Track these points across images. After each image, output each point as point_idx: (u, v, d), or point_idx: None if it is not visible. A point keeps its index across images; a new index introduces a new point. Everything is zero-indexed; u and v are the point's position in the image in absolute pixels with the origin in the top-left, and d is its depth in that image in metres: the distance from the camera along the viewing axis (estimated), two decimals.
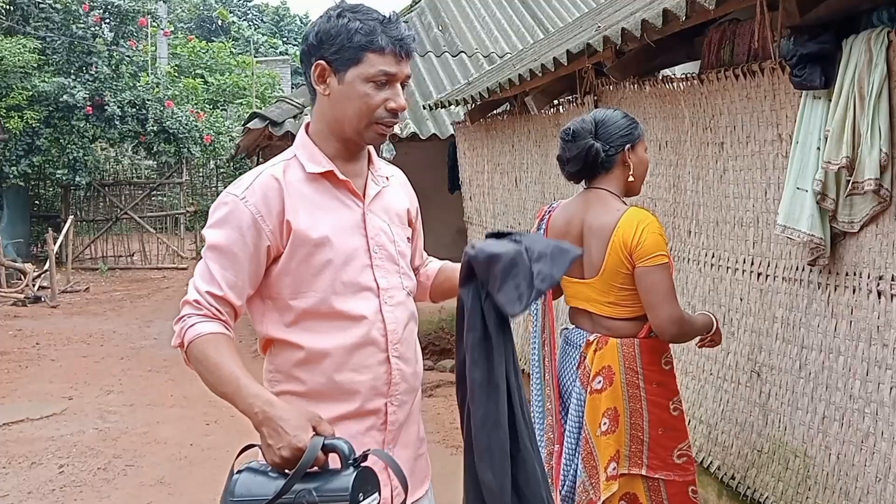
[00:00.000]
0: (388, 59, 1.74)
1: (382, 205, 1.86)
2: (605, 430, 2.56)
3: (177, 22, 27.56)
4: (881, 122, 2.34)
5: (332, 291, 1.75)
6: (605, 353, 2.59)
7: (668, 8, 2.87)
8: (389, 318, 1.80)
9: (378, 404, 1.79)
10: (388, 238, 1.84)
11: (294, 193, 1.75)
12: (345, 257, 1.76)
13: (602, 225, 2.57)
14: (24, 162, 13.83)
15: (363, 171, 1.85)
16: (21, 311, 10.77)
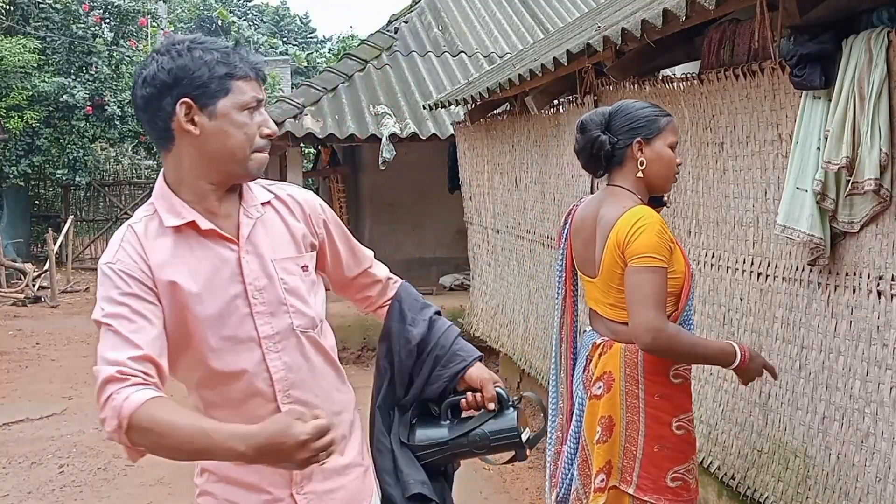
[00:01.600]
0: (254, 84, 1.64)
1: (262, 239, 1.70)
2: (598, 438, 2.44)
3: (177, 22, 27.55)
4: (881, 122, 2.34)
5: (209, 349, 1.64)
6: (608, 358, 2.45)
7: (668, 8, 2.87)
8: (276, 367, 1.68)
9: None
10: (272, 277, 1.68)
11: (158, 250, 1.62)
12: (219, 312, 1.63)
13: (606, 222, 2.43)
14: (24, 162, 13.84)
15: (234, 208, 1.69)
16: (21, 311, 10.78)
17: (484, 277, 6.64)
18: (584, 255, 2.55)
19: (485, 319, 6.51)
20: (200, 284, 1.62)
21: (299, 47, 31.61)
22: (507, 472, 4.82)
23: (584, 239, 2.54)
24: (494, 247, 6.34)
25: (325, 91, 8.81)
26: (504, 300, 6.11)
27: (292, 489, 1.71)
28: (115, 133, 14.69)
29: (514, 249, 5.87)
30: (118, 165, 17.61)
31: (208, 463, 1.73)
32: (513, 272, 5.90)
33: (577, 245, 2.59)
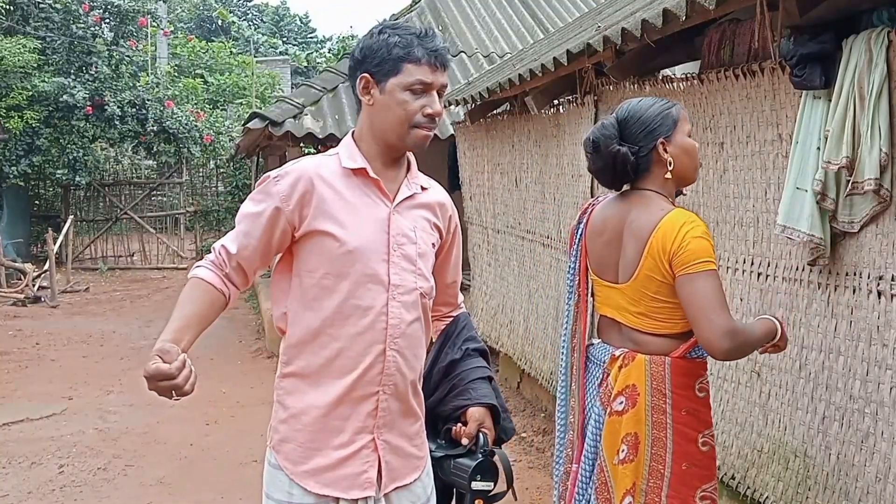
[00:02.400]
0: (424, 69, 1.89)
1: (411, 208, 1.99)
2: (623, 458, 2.25)
3: (177, 22, 27.55)
4: (881, 122, 2.34)
5: (348, 279, 1.90)
6: (630, 371, 2.26)
7: (668, 8, 2.87)
8: (394, 313, 1.92)
9: (371, 390, 1.93)
10: (410, 240, 1.96)
11: (325, 185, 1.91)
12: (363, 249, 1.90)
13: (642, 225, 2.24)
14: (24, 162, 13.83)
15: (399, 177, 1.99)
16: (21, 311, 10.78)
17: (484, 277, 6.64)
18: (605, 260, 2.36)
19: (485, 319, 6.51)
20: (352, 222, 1.91)
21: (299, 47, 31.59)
22: None
23: (605, 242, 2.36)
24: (494, 247, 6.34)
25: (325, 91, 8.81)
26: (504, 300, 6.11)
27: (375, 434, 1.95)
28: (115, 133, 14.67)
29: (514, 249, 5.87)
30: (118, 165, 17.58)
31: (296, 410, 1.94)
32: (513, 272, 5.91)
33: (597, 247, 2.40)
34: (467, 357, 2.18)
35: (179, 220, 17.18)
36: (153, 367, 1.77)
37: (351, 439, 1.93)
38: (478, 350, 2.21)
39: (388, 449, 1.96)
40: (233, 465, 4.94)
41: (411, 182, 2.01)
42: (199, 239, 17.19)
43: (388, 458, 1.96)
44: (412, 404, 2.01)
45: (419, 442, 2.05)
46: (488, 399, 2.10)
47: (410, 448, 2.02)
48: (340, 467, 1.93)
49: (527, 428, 5.47)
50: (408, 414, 2.00)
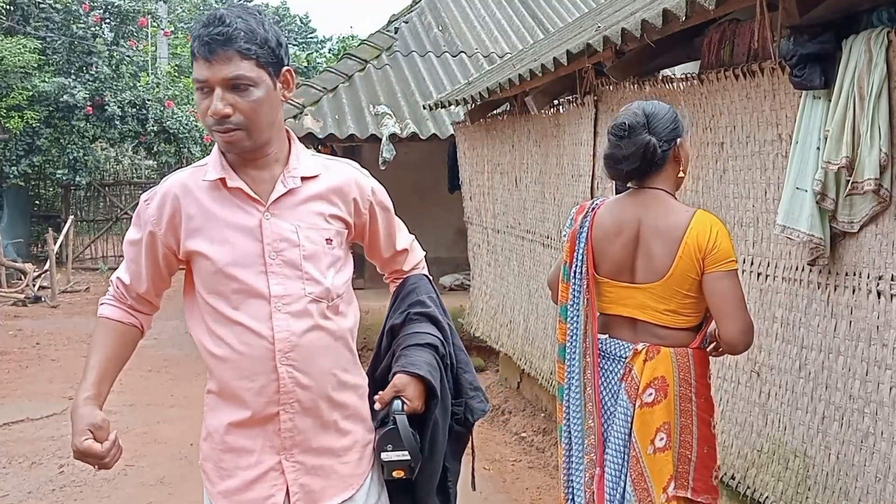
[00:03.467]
0: (200, 64, 1.70)
1: (294, 206, 1.81)
2: (662, 446, 2.33)
3: (177, 22, 27.56)
4: (881, 122, 2.34)
5: (224, 298, 1.79)
6: (657, 364, 2.34)
7: (668, 8, 2.87)
8: (280, 326, 1.77)
9: (271, 410, 1.80)
10: (292, 243, 1.79)
11: (192, 201, 1.80)
12: (236, 264, 1.77)
13: (670, 226, 2.33)
14: (24, 162, 13.83)
15: (273, 175, 1.81)
16: (21, 311, 10.78)
17: (484, 277, 6.64)
18: (621, 261, 2.41)
19: (485, 319, 6.51)
20: (220, 236, 1.78)
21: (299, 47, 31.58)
22: (506, 472, 4.82)
23: (623, 244, 2.40)
24: (494, 247, 6.34)
25: (325, 91, 8.81)
26: (504, 300, 6.10)
27: (282, 455, 1.82)
28: (115, 133, 14.67)
29: (514, 249, 5.87)
30: (118, 165, 17.59)
31: (211, 429, 1.87)
32: (513, 272, 5.90)
33: (612, 250, 2.42)
34: (409, 322, 2.00)
35: None
36: (85, 444, 1.75)
37: (258, 460, 1.82)
38: (424, 314, 2.00)
39: (303, 470, 1.83)
40: None
41: (288, 177, 1.81)
42: None
43: (305, 480, 1.83)
44: (332, 419, 1.85)
45: (353, 458, 1.88)
46: (414, 367, 1.88)
47: (339, 466, 1.86)
48: (248, 490, 1.82)
49: (527, 428, 5.47)
50: (328, 429, 1.85)
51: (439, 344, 1.97)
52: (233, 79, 1.69)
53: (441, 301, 2.08)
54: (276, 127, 1.81)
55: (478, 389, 2.06)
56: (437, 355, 1.96)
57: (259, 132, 1.75)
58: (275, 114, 1.78)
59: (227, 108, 1.69)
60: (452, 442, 2.01)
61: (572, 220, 2.53)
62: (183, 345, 8.56)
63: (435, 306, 2.04)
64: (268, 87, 1.73)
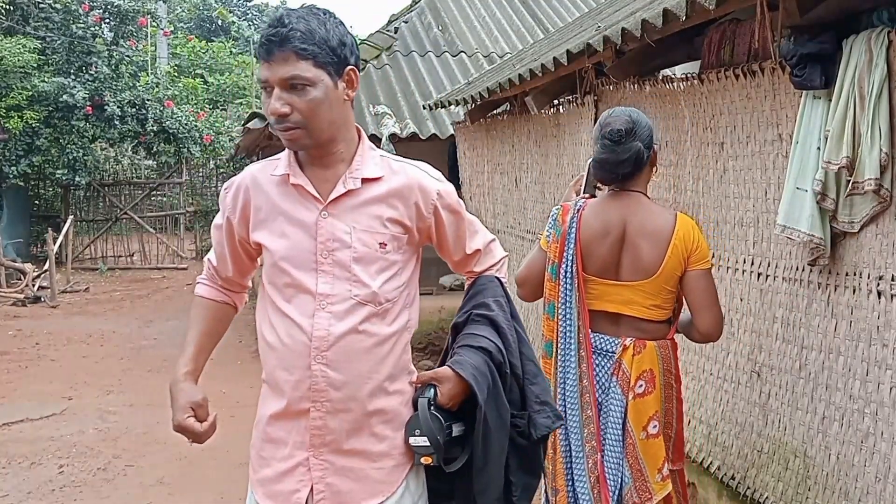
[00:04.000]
0: (262, 65, 1.75)
1: (353, 208, 1.82)
2: (655, 433, 2.55)
3: (177, 22, 27.54)
4: (881, 122, 2.34)
5: (279, 289, 1.85)
6: (643, 357, 2.55)
7: (668, 8, 2.87)
8: (319, 325, 1.79)
9: (303, 406, 1.82)
10: (344, 244, 1.81)
11: (261, 194, 1.86)
12: (289, 259, 1.82)
13: (657, 228, 2.54)
14: (24, 162, 13.82)
15: (337, 174, 1.83)
16: (21, 311, 10.77)
17: None
18: (608, 260, 2.57)
19: None
20: (280, 231, 1.83)
21: None
22: None
23: (610, 244, 2.55)
24: None
25: None
26: None
27: (310, 452, 1.83)
28: (115, 133, 14.66)
29: (514, 249, 5.87)
30: (118, 165, 17.58)
31: (258, 417, 1.92)
32: (513, 272, 5.90)
33: (600, 250, 2.57)
34: (470, 322, 1.98)
35: (179, 220, 17.19)
36: (188, 422, 1.84)
37: (290, 454, 1.85)
38: (486, 317, 1.97)
39: (332, 470, 1.83)
40: (233, 465, 4.93)
41: (348, 177, 1.82)
42: (198, 239, 17.19)
43: (332, 479, 1.83)
44: (368, 423, 1.84)
45: (388, 464, 1.86)
46: (459, 367, 1.87)
47: (372, 470, 1.85)
48: (279, 482, 1.85)
49: None
50: (362, 432, 1.84)
51: (495, 350, 1.93)
52: (289, 78, 1.71)
53: (512, 307, 2.04)
54: (341, 126, 1.82)
55: (545, 404, 1.98)
56: (491, 361, 1.92)
57: (318, 131, 1.77)
58: (336, 113, 1.79)
59: (285, 107, 1.72)
60: (516, 455, 1.95)
61: (557, 221, 2.65)
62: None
63: (500, 310, 1.99)
64: (327, 86, 1.74)
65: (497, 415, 1.90)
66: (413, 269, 1.93)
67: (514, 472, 1.94)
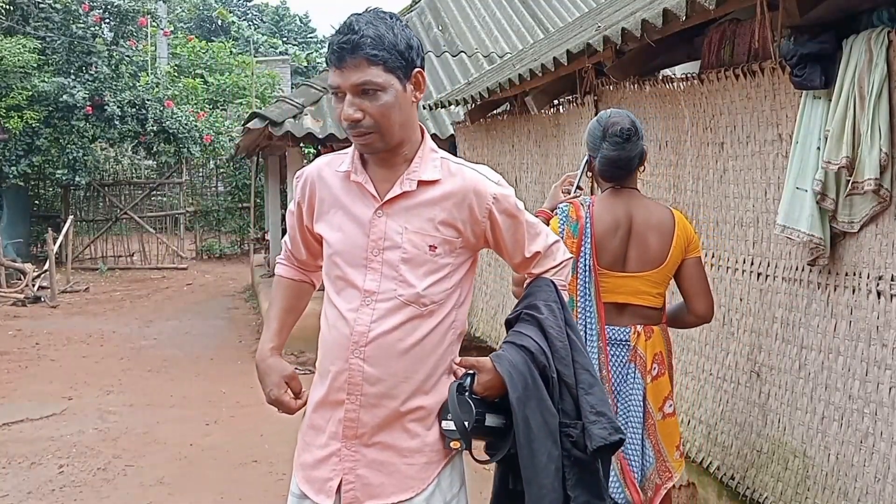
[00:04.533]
0: (333, 72, 1.79)
1: (408, 209, 1.86)
2: (671, 412, 2.74)
3: (177, 22, 27.51)
4: (881, 122, 2.34)
5: (331, 281, 1.92)
6: (654, 341, 2.72)
7: (668, 8, 2.87)
8: (361, 321, 1.84)
9: (339, 397, 1.87)
10: (395, 244, 1.84)
11: (325, 187, 1.93)
12: (344, 254, 1.88)
13: (662, 221, 2.71)
14: (24, 162, 13.82)
15: (397, 174, 1.86)
16: (21, 311, 10.77)
17: (484, 277, 6.64)
18: (618, 253, 2.69)
19: (485, 319, 6.51)
20: (338, 225, 1.90)
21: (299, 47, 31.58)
22: None
23: (620, 238, 2.68)
24: None
25: (325, 91, 8.79)
26: (504, 300, 6.10)
27: (342, 443, 1.88)
28: (115, 133, 14.65)
29: None
30: (118, 165, 17.57)
31: (309, 402, 1.98)
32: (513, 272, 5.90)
33: (611, 243, 2.68)
34: (519, 321, 2.00)
35: (179, 220, 17.18)
36: (285, 398, 1.98)
37: (326, 443, 1.90)
38: (534, 318, 1.97)
39: (363, 462, 1.87)
40: (233, 465, 4.94)
41: (405, 179, 1.86)
42: (198, 239, 17.20)
43: (363, 471, 1.87)
44: (402, 419, 1.86)
45: (420, 461, 1.88)
46: (496, 360, 1.90)
47: (403, 466, 1.87)
48: (316, 468, 1.91)
49: None
50: (395, 428, 1.86)
51: (537, 351, 1.92)
52: (361, 84, 1.74)
53: (566, 313, 2.01)
54: (409, 128, 1.85)
55: (601, 415, 1.93)
56: (533, 362, 1.91)
57: (391, 134, 1.81)
58: (405, 115, 1.82)
59: (358, 112, 1.76)
60: (575, 469, 1.90)
61: (569, 217, 2.70)
62: (183, 345, 8.57)
63: (550, 314, 1.97)
64: (397, 90, 1.78)
65: (541, 419, 1.87)
66: (466, 273, 1.94)
67: (572, 488, 1.89)
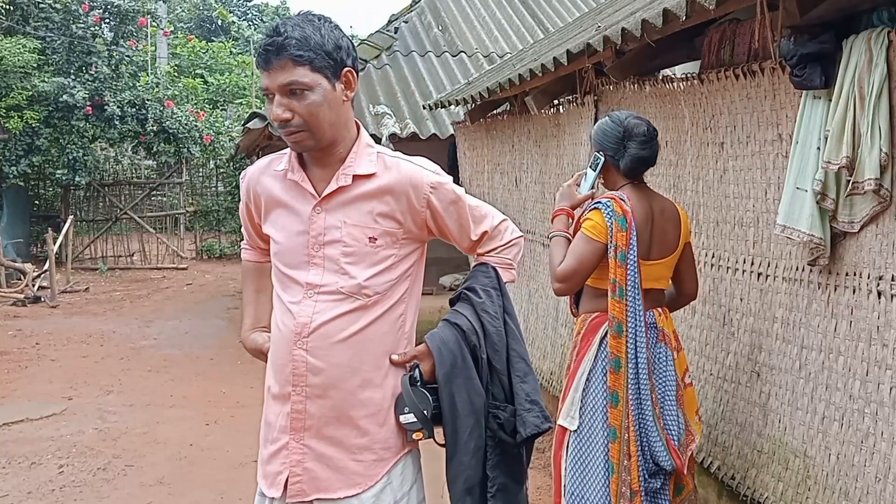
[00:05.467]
0: (263, 74, 1.82)
1: (345, 203, 1.90)
2: (689, 382, 3.02)
3: (177, 22, 27.53)
4: (881, 122, 2.34)
5: (278, 278, 1.97)
6: (669, 321, 2.98)
7: (668, 8, 2.87)
8: (304, 313, 1.88)
9: (286, 390, 1.92)
10: (335, 238, 1.88)
11: (265, 186, 1.98)
12: (287, 251, 1.93)
13: (673, 212, 2.96)
14: (24, 162, 13.82)
15: (333, 171, 1.91)
16: (21, 311, 10.77)
17: None
18: (646, 243, 2.89)
19: None
20: (279, 223, 1.95)
21: None
22: None
23: (649, 229, 2.88)
24: None
25: None
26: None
27: (291, 436, 1.92)
28: (115, 133, 14.65)
29: None
30: (118, 165, 17.57)
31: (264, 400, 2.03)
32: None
33: (644, 235, 2.87)
34: (459, 300, 2.07)
35: (179, 220, 17.17)
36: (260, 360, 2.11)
37: (276, 437, 1.94)
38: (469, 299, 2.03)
39: (311, 455, 1.90)
40: (232, 465, 4.94)
41: (341, 174, 1.90)
42: (198, 239, 17.19)
43: (311, 465, 1.89)
44: (350, 414, 1.89)
45: (369, 458, 1.91)
46: (428, 338, 1.97)
47: (351, 462, 1.90)
48: (270, 462, 1.96)
49: None
50: (344, 423, 1.90)
51: (469, 330, 1.97)
52: (288, 85, 1.78)
53: (506, 301, 2.05)
54: (341, 126, 1.89)
55: (535, 403, 1.99)
56: (464, 340, 1.96)
57: (321, 132, 1.84)
58: (336, 113, 1.85)
59: (286, 112, 1.80)
60: (497, 451, 1.97)
61: (615, 212, 2.81)
62: (182, 345, 8.57)
63: (487, 299, 2.02)
64: (325, 89, 1.81)
65: (466, 397, 1.92)
66: (412, 265, 1.97)
67: (492, 468, 1.96)
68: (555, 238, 2.94)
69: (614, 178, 2.98)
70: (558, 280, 2.85)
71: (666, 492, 2.89)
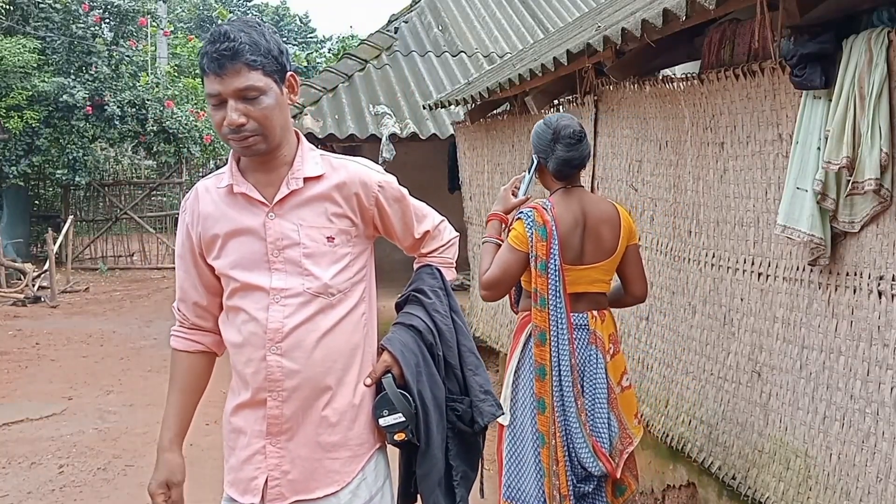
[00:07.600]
0: (211, 79, 1.80)
1: (296, 207, 1.91)
2: (628, 385, 3.03)
3: (177, 22, 27.53)
4: (881, 122, 2.34)
5: (233, 290, 1.93)
6: (608, 324, 2.99)
7: (668, 8, 2.87)
8: (274, 318, 1.88)
9: (261, 396, 1.91)
10: (293, 241, 1.90)
11: (210, 203, 1.95)
12: (244, 261, 1.91)
13: (610, 214, 2.95)
14: (24, 162, 13.83)
15: (280, 176, 1.92)
16: (21, 311, 10.77)
17: None
18: (577, 249, 2.91)
19: (485, 319, 6.51)
20: (231, 236, 1.91)
21: (299, 47, 31.57)
22: None
23: (578, 234, 2.91)
24: None
25: (325, 91, 8.81)
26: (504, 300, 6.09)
27: (267, 440, 1.92)
28: (115, 133, 14.67)
29: None
30: (118, 165, 17.60)
31: (225, 411, 2.02)
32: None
33: (572, 241, 2.90)
34: (407, 302, 2.13)
35: None
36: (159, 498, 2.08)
37: (249, 442, 1.94)
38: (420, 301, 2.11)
39: (288, 458, 1.92)
40: None
41: (291, 178, 1.92)
42: None
43: (287, 467, 1.92)
44: (324, 413, 1.92)
45: (344, 455, 1.95)
46: (388, 343, 2.02)
47: (327, 461, 1.93)
48: (241, 469, 1.96)
49: None
50: (318, 423, 1.92)
51: (425, 330, 2.05)
52: (244, 90, 1.79)
53: (451, 300, 2.14)
54: (287, 129, 1.92)
55: (489, 393, 2.10)
56: (421, 340, 2.04)
57: (273, 136, 1.86)
58: (284, 117, 1.88)
59: (242, 117, 1.80)
60: (457, 440, 2.07)
61: (536, 222, 2.86)
62: None
63: (437, 299, 2.11)
64: (276, 93, 1.83)
65: (430, 393, 2.01)
66: (365, 263, 2.03)
67: (454, 458, 2.06)
68: (485, 244, 3.02)
69: (548, 181, 3.09)
70: (483, 287, 2.93)
71: (601, 494, 2.91)
